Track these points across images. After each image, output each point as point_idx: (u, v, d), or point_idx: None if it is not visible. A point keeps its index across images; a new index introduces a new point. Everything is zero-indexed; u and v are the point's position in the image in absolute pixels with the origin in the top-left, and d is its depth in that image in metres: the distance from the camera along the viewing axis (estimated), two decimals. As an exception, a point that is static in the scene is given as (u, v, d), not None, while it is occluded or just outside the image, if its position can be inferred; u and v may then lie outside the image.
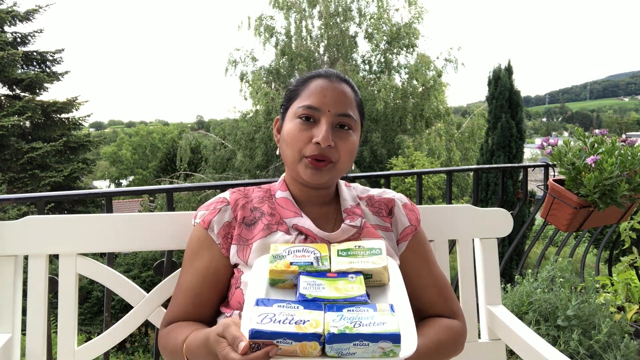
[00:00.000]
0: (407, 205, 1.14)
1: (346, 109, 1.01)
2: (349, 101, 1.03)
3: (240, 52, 16.48)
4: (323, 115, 0.99)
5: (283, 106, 1.09)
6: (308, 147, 0.99)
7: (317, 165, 0.99)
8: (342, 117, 1.01)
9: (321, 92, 1.01)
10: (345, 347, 0.71)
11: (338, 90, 1.02)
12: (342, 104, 1.01)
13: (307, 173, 0.99)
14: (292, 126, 1.01)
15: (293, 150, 1.00)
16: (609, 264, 2.92)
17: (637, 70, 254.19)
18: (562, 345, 1.80)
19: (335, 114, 1.00)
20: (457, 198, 14.46)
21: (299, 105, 1.01)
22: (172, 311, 1.02)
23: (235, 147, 15.32)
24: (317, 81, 1.03)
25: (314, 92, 1.01)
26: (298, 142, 0.99)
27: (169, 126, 54.16)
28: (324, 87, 1.01)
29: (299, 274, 0.87)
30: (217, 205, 1.06)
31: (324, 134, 0.97)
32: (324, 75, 1.04)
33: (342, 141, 1.00)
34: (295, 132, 1.00)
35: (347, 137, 1.01)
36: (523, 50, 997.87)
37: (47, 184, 14.38)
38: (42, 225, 1.14)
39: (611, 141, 1.72)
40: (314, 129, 0.99)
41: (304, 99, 1.01)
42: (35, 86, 15.46)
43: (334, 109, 1.00)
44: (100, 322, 9.94)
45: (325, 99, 1.00)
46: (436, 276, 1.09)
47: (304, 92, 1.03)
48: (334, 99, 1.00)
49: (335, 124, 1.00)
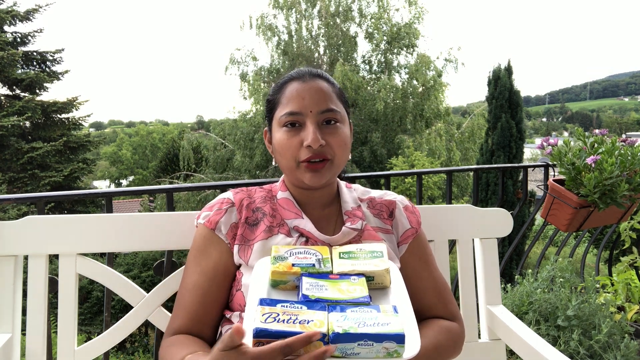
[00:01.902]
0: (408, 208, 1.13)
1: (328, 104, 1.00)
2: (328, 96, 1.01)
3: (241, 51, 16.51)
4: (306, 117, 0.99)
5: (267, 117, 1.08)
6: (301, 152, 0.98)
7: (315, 167, 0.98)
8: (326, 114, 1.00)
9: (298, 95, 1.00)
10: (349, 347, 0.71)
11: (315, 89, 1.01)
12: (322, 100, 1.00)
13: (307, 177, 0.99)
14: (280, 136, 1.00)
15: (287, 159, 1.00)
16: (609, 264, 2.92)
17: (637, 70, 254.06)
18: (562, 345, 1.80)
19: (318, 113, 0.99)
20: (457, 198, 14.45)
21: (281, 113, 1.00)
22: (178, 315, 0.99)
23: (235, 147, 15.32)
24: (292, 85, 1.02)
25: (292, 97, 1.00)
26: (290, 150, 0.99)
27: (169, 126, 54.19)
28: (300, 89, 1.00)
29: (301, 275, 0.87)
30: (222, 206, 1.05)
31: (312, 135, 0.96)
32: (297, 77, 1.03)
33: (333, 136, 1.00)
34: (284, 140, 0.99)
35: (336, 131, 1.00)
36: (523, 50, 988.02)
37: (47, 184, 14.38)
38: (42, 225, 1.14)
39: (611, 141, 1.72)
40: (302, 132, 0.99)
41: (284, 107, 1.01)
42: (35, 86, 15.46)
43: (315, 108, 0.99)
44: (100, 322, 9.94)
45: (305, 101, 0.99)
46: (436, 279, 1.09)
47: (282, 99, 1.02)
48: (312, 98, 0.99)
49: (321, 122, 1.00)
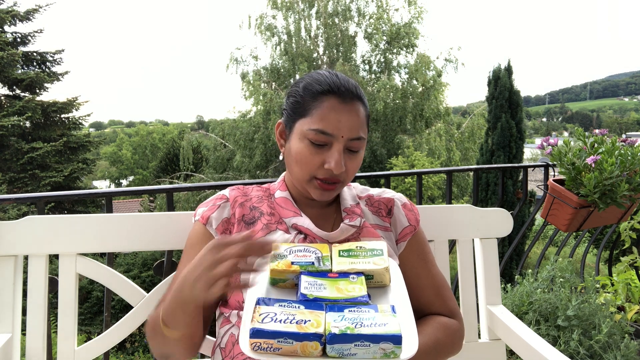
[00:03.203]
0: (406, 205, 1.13)
1: (359, 133, 0.97)
2: (362, 123, 0.98)
3: (242, 51, 16.54)
4: (336, 140, 0.95)
5: (288, 114, 1.02)
6: (319, 170, 0.97)
7: (327, 187, 0.99)
8: (354, 142, 0.97)
9: (335, 117, 0.95)
10: (346, 347, 0.71)
11: (353, 113, 0.96)
12: (355, 128, 0.96)
13: (317, 193, 1.00)
14: (302, 147, 0.97)
15: (303, 172, 0.99)
16: (609, 264, 2.92)
17: (637, 70, 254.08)
18: (562, 345, 1.80)
19: (348, 139, 0.96)
20: (457, 198, 14.45)
21: (310, 127, 0.95)
22: None
23: (235, 147, 15.32)
24: (330, 101, 0.96)
25: (327, 116, 0.95)
26: (309, 165, 0.97)
27: (169, 126, 54.18)
28: (338, 110, 0.95)
29: (300, 273, 0.87)
30: (216, 202, 1.06)
31: (336, 160, 0.95)
32: (337, 92, 0.96)
33: (352, 162, 0.99)
34: (306, 154, 0.97)
35: (356, 157, 1.00)
36: (523, 50, 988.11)
37: (47, 184, 14.39)
38: (42, 225, 1.14)
39: (611, 141, 1.72)
40: (326, 153, 0.96)
41: (316, 121, 0.95)
42: (35, 86, 15.47)
43: (347, 135, 0.96)
44: (100, 322, 9.94)
45: (340, 124, 0.95)
46: (434, 276, 1.09)
47: (315, 111, 0.96)
48: (348, 124, 0.95)
49: (346, 147, 0.98)
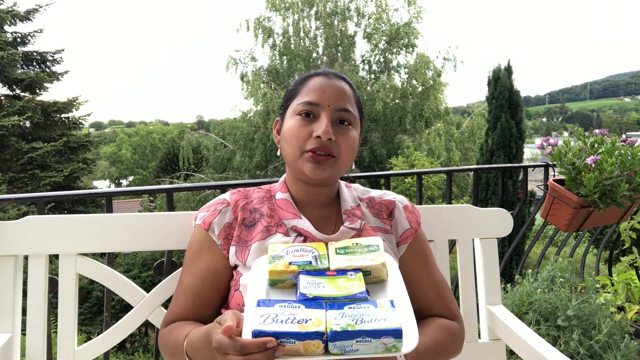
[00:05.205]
0: (407, 208, 1.13)
1: (345, 104, 1.03)
2: (348, 97, 1.04)
3: (240, 52, 16.49)
4: (323, 110, 1.01)
5: (282, 107, 1.10)
6: (309, 141, 0.99)
7: (318, 159, 0.99)
8: (341, 112, 1.02)
9: (320, 89, 1.02)
10: (348, 344, 0.72)
11: (337, 87, 1.03)
12: (341, 99, 1.02)
13: (309, 167, 0.99)
14: (292, 123, 1.02)
15: (293, 147, 1.01)
16: (609, 264, 2.92)
17: (637, 70, 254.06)
18: (562, 345, 1.80)
19: (334, 109, 1.01)
20: (457, 198, 14.44)
21: (299, 102, 1.03)
22: (173, 311, 1.03)
23: (235, 147, 15.31)
24: (316, 79, 1.05)
25: (313, 89, 1.03)
26: (298, 138, 1.00)
27: (169, 126, 54.21)
28: (323, 83, 1.03)
29: (298, 273, 0.87)
30: (217, 207, 1.06)
31: (324, 127, 0.98)
32: (322, 73, 1.06)
33: (342, 136, 1.01)
34: (295, 128, 1.01)
35: (347, 132, 1.02)
36: (523, 50, 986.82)
37: (47, 184, 14.38)
38: (42, 225, 1.14)
39: (611, 141, 1.72)
40: (314, 124, 1.00)
41: (303, 96, 1.03)
42: (35, 86, 15.46)
43: (333, 104, 1.01)
44: (100, 322, 9.94)
45: (325, 95, 1.01)
46: (435, 278, 1.09)
47: (302, 90, 1.04)
48: (333, 94, 1.02)
49: (335, 119, 1.02)
